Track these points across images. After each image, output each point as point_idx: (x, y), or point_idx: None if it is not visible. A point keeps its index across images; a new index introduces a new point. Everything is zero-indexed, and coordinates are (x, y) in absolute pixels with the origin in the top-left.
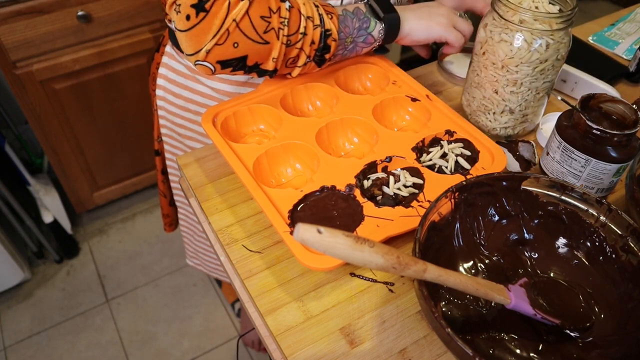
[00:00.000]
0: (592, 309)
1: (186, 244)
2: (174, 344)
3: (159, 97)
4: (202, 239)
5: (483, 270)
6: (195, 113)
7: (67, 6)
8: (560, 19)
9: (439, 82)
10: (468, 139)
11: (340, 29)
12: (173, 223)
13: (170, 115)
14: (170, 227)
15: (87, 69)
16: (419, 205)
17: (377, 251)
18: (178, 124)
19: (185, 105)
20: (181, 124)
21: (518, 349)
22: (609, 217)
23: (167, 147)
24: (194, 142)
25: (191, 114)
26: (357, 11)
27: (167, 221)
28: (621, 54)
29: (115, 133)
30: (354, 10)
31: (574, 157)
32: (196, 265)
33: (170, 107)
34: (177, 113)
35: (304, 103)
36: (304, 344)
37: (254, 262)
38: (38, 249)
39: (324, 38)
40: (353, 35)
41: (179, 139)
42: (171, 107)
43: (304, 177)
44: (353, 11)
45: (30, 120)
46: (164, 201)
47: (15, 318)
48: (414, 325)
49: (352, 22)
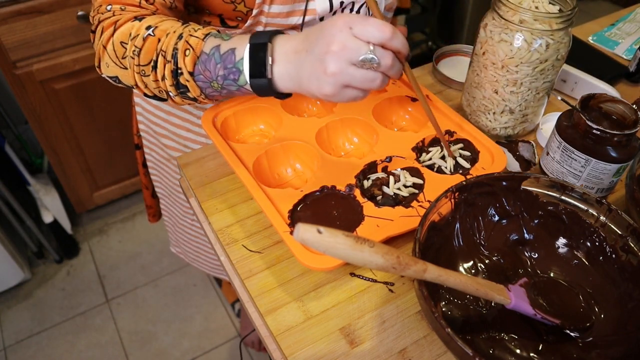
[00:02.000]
0: (592, 309)
1: (169, 232)
2: (174, 344)
3: (135, 93)
4: (182, 229)
5: (483, 270)
6: (168, 113)
7: (67, 6)
8: (560, 19)
9: (439, 83)
10: (468, 139)
11: (198, 71)
12: (156, 214)
13: (146, 112)
14: (153, 217)
15: (87, 69)
16: (419, 205)
17: (377, 251)
18: (153, 121)
19: (159, 104)
20: (156, 122)
21: (518, 349)
22: (609, 217)
23: (145, 142)
24: (168, 139)
25: (164, 113)
26: (228, 57)
27: (151, 212)
28: (621, 54)
29: (115, 133)
30: (225, 53)
31: (574, 157)
32: (178, 254)
33: (145, 104)
34: (151, 110)
35: (304, 103)
36: (304, 344)
37: (254, 262)
38: (38, 249)
39: (175, 76)
40: (219, 82)
41: (154, 135)
42: (146, 104)
43: (304, 177)
44: (223, 54)
45: (30, 120)
46: (146, 193)
47: (15, 318)
48: (414, 325)
49: (216, 68)
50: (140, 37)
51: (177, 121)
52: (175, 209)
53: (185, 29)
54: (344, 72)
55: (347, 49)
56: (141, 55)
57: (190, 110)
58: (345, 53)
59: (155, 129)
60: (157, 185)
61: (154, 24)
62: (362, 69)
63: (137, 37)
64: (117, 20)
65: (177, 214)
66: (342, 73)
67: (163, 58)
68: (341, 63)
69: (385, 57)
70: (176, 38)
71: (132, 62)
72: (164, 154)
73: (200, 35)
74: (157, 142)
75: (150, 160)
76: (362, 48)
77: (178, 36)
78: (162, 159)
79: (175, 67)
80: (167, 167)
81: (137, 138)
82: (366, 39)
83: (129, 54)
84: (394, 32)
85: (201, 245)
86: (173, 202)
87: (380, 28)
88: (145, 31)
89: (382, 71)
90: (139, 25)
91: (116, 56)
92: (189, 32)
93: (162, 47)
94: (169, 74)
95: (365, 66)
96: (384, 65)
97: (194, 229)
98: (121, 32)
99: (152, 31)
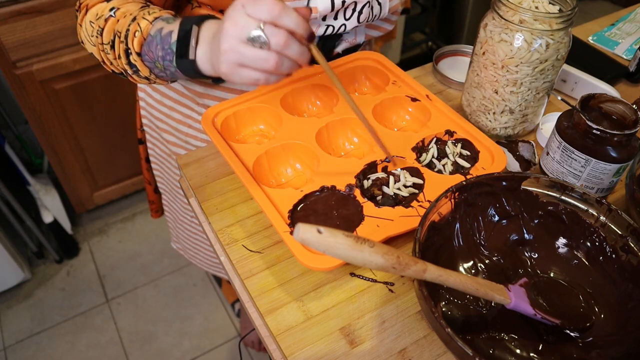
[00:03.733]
0: (592, 309)
1: (170, 228)
2: (174, 344)
3: (139, 87)
4: (182, 225)
5: (483, 270)
6: (170, 108)
7: (67, 6)
8: (560, 19)
9: (439, 83)
10: (468, 139)
11: (144, 52)
12: (159, 210)
13: (149, 107)
14: (156, 213)
15: (87, 69)
16: (419, 205)
17: (377, 251)
18: (155, 116)
19: (161, 99)
20: (158, 117)
21: (518, 349)
22: (609, 217)
23: (148, 136)
24: (169, 135)
25: (166, 109)
26: (166, 38)
27: (153, 207)
28: (621, 54)
29: (115, 133)
30: (165, 35)
31: (574, 157)
32: (178, 250)
33: (149, 99)
34: (154, 105)
35: (304, 103)
36: (304, 344)
37: (254, 262)
38: (38, 249)
39: (127, 55)
40: (161, 63)
41: (157, 130)
42: (149, 99)
43: (304, 177)
44: (164, 36)
45: (30, 120)
46: (149, 188)
47: (15, 318)
48: (414, 325)
49: (157, 49)
50: (103, 18)
51: (179, 117)
52: (176, 205)
53: (140, 11)
54: (234, 49)
55: (236, 27)
56: (103, 34)
57: (191, 107)
58: (235, 30)
59: (158, 124)
60: (159, 180)
61: (117, 5)
62: (253, 47)
63: (101, 18)
64: (89, 3)
65: (177, 210)
66: (233, 50)
67: (118, 38)
68: (231, 40)
69: (275, 35)
70: (130, 20)
71: (97, 41)
72: (166, 150)
73: (151, 19)
74: (159, 137)
75: (152, 155)
76: (251, 25)
77: (132, 18)
78: (164, 154)
79: (126, 47)
80: (168, 162)
81: (141, 133)
82: (257, 17)
83: (94, 34)
84: (283, 9)
85: (200, 242)
86: (174, 197)
87: (270, 6)
88: (108, 12)
89: (276, 50)
90: (104, 7)
91: (87, 34)
92: (142, 15)
93: (118, 29)
94: (123, 53)
95: (256, 45)
96: (274, 44)
97: (193, 225)
98: (91, 12)
99: (113, 12)
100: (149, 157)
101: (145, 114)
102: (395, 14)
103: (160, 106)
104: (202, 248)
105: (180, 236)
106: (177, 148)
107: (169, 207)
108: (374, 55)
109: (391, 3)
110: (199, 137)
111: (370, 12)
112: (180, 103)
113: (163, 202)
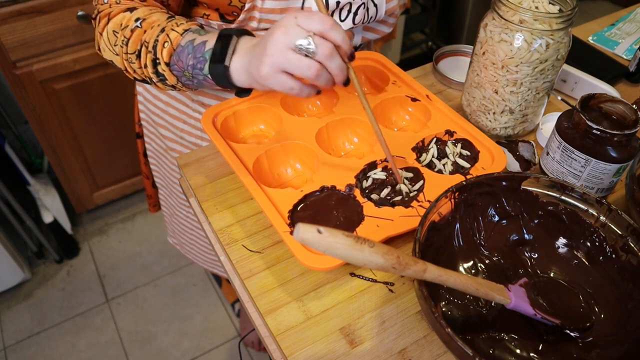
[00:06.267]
0: (592, 309)
1: (166, 222)
2: (174, 344)
3: (137, 82)
4: (178, 220)
5: (483, 270)
6: (166, 104)
7: (67, 6)
8: (560, 19)
9: (439, 83)
10: (468, 139)
11: (173, 62)
12: (157, 204)
13: (146, 102)
14: (154, 207)
15: (87, 69)
16: (419, 205)
17: (377, 251)
18: (152, 111)
19: (158, 94)
20: (155, 112)
21: (518, 349)
22: (609, 217)
23: (145, 131)
24: (165, 130)
25: (162, 104)
26: (199, 48)
27: (151, 202)
28: (621, 54)
29: (115, 133)
30: (198, 44)
31: (574, 157)
32: (175, 245)
33: (146, 93)
34: (151, 100)
35: (304, 103)
36: (304, 344)
37: (254, 262)
38: (38, 249)
39: (154, 65)
40: (190, 72)
41: (153, 124)
42: (147, 94)
43: (304, 177)
44: (196, 46)
45: (30, 120)
46: (147, 183)
47: (15, 318)
48: (414, 325)
49: (187, 58)
50: (129, 29)
51: (174, 112)
52: (173, 200)
53: (168, 23)
54: (280, 53)
55: (287, 34)
56: (129, 44)
57: (187, 103)
58: (284, 37)
59: (154, 118)
60: (156, 175)
61: (142, 16)
62: (299, 54)
63: (127, 28)
64: (111, 12)
65: (174, 205)
66: (279, 54)
67: (145, 48)
68: (279, 45)
69: (322, 46)
70: (159, 31)
71: (121, 50)
72: (162, 144)
73: (180, 31)
74: (156, 132)
75: (149, 150)
76: (301, 34)
77: (161, 29)
78: (161, 149)
79: (154, 56)
80: (165, 157)
81: (138, 127)
82: (308, 28)
83: (119, 43)
84: (334, 24)
85: (196, 237)
86: (170, 192)
87: (322, 19)
88: (134, 23)
89: (319, 60)
90: (129, 17)
91: (109, 43)
92: (171, 27)
93: (145, 39)
94: (150, 63)
95: (302, 53)
96: (320, 53)
97: (189, 220)
98: (114, 22)
99: (139, 23)
100: (146, 151)
101: (142, 109)
102: (392, 17)
103: (157, 101)
104: (198, 243)
105: (177, 231)
106: (173, 143)
107: (166, 202)
108: (374, 55)
109: (387, 5)
110: (194, 134)
111: (366, 13)
112: (175, 99)
113: (160, 196)
